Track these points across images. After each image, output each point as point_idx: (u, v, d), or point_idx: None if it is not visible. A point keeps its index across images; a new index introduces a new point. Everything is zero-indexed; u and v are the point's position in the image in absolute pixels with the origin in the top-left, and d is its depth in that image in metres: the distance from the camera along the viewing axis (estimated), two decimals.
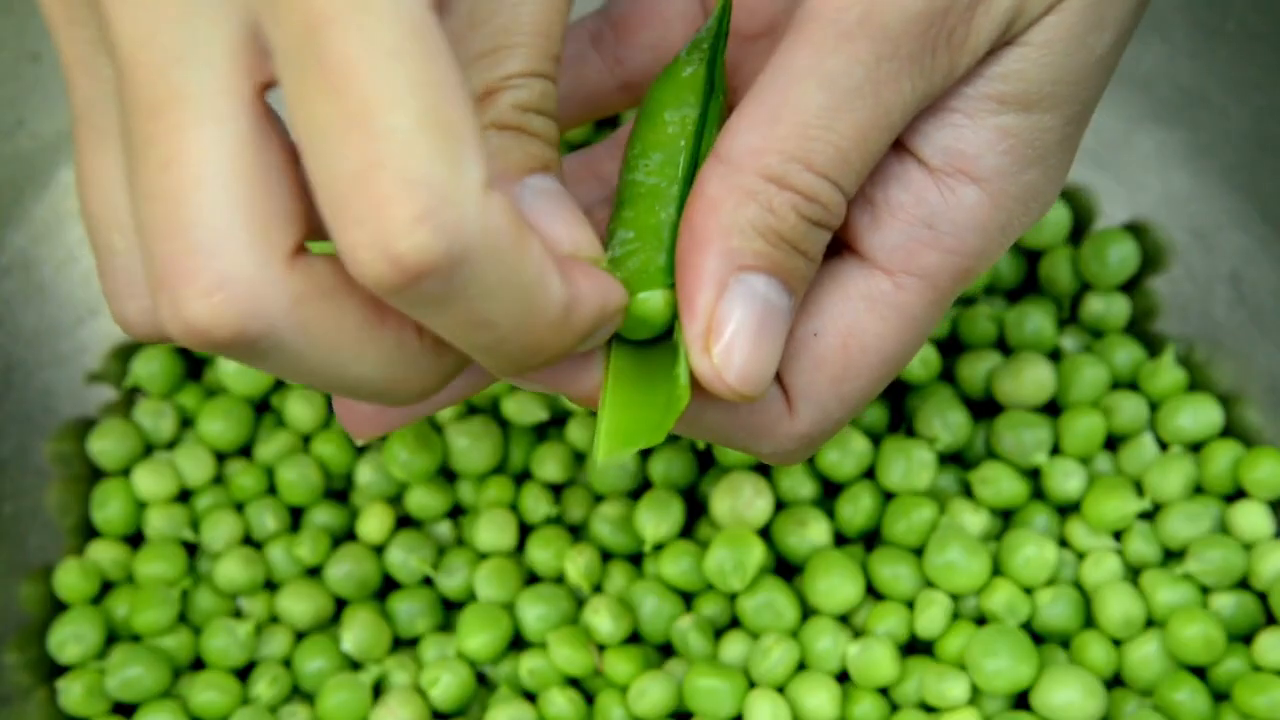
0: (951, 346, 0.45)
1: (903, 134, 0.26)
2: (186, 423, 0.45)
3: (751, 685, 0.39)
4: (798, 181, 0.24)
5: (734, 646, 0.40)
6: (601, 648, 0.40)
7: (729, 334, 0.24)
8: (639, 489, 0.43)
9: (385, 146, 0.18)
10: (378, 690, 0.41)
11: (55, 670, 0.41)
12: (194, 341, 0.20)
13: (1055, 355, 0.44)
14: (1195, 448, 0.43)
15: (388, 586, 0.43)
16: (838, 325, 0.26)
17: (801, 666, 0.40)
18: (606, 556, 0.42)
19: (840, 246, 0.27)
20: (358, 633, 0.41)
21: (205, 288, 0.20)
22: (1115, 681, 0.40)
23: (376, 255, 0.19)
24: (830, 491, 0.42)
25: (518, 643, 0.41)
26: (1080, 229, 0.46)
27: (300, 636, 0.42)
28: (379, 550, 0.42)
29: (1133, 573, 0.42)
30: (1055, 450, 0.43)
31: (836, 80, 0.23)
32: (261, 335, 0.20)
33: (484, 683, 0.42)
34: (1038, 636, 0.41)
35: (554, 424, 0.44)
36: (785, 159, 0.24)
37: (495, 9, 0.24)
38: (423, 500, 0.43)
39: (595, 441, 0.25)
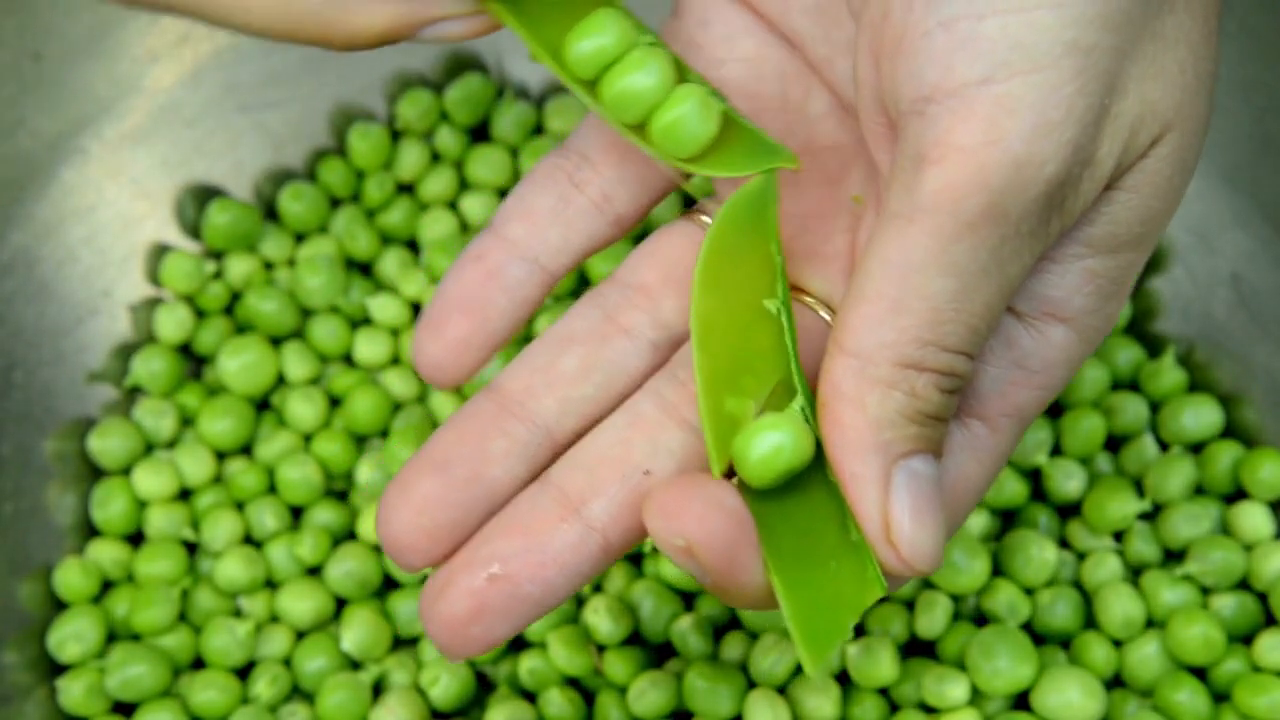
0: None
1: None
2: (187, 422, 0.45)
3: (751, 685, 0.39)
4: (934, 362, 0.24)
5: (734, 647, 0.40)
6: (601, 648, 0.40)
7: (906, 521, 0.25)
8: None
9: None
10: (378, 690, 0.41)
11: (55, 669, 0.41)
12: None
13: None
14: (1196, 448, 0.43)
15: (388, 586, 0.43)
16: (945, 481, 0.27)
17: (801, 667, 0.39)
18: None
19: None
20: (358, 632, 0.41)
21: None
22: (1115, 682, 0.40)
23: None
24: None
25: (517, 643, 0.41)
26: None
27: (300, 636, 0.42)
28: (379, 550, 0.42)
29: (1133, 573, 0.42)
30: (1056, 450, 0.43)
31: (964, 267, 0.24)
32: None
33: (483, 682, 0.42)
34: (1038, 637, 0.41)
35: None
36: (920, 345, 0.24)
37: None
38: None
39: (799, 651, 0.25)
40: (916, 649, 0.41)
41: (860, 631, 0.41)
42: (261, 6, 0.25)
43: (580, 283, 0.45)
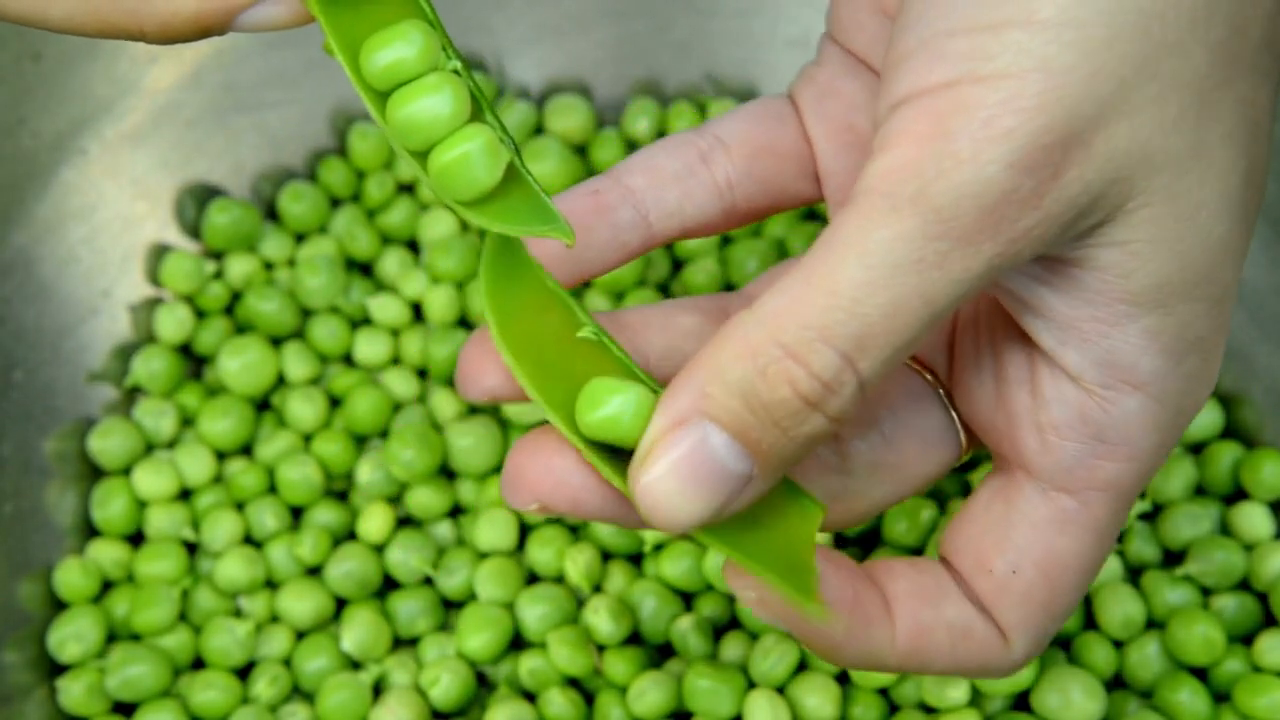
0: None
1: (1054, 353, 0.25)
2: (187, 422, 0.45)
3: (751, 685, 0.39)
4: (807, 354, 0.23)
5: (734, 647, 0.40)
6: (601, 648, 0.40)
7: (662, 466, 0.24)
8: None
9: None
10: (378, 690, 0.41)
11: (55, 669, 0.41)
12: None
13: None
14: (1196, 449, 0.43)
15: (388, 586, 0.43)
16: (1034, 556, 0.26)
17: (801, 667, 0.39)
18: (606, 556, 0.42)
19: (1018, 475, 0.27)
20: (358, 632, 0.41)
21: None
22: (1116, 682, 0.40)
23: None
24: None
25: (518, 643, 0.41)
26: None
27: (300, 636, 0.42)
28: (379, 550, 0.42)
29: (1133, 573, 0.42)
30: None
31: (879, 257, 0.22)
32: None
33: (484, 683, 0.42)
34: None
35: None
36: (803, 327, 0.23)
37: None
38: (423, 500, 0.43)
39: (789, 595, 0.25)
40: None
41: None
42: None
43: None
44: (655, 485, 0.24)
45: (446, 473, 0.43)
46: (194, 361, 0.46)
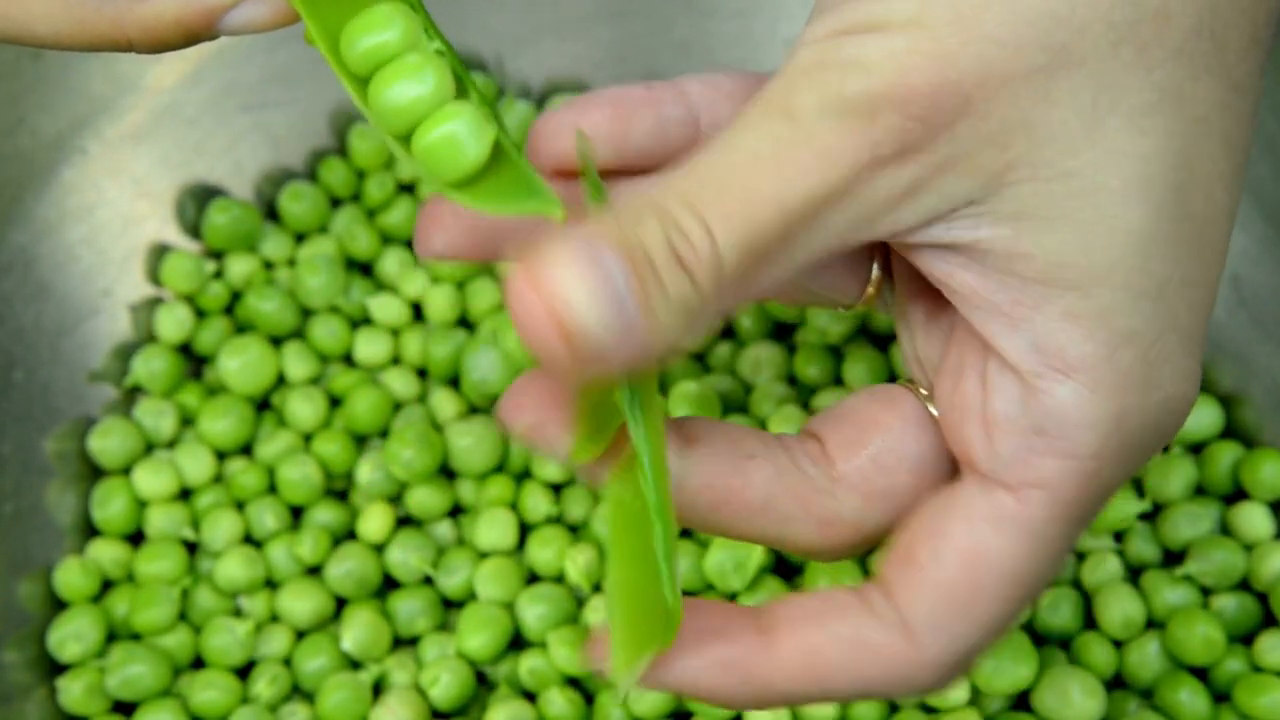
0: None
1: (993, 341, 0.25)
2: (187, 422, 0.45)
3: None
4: (679, 215, 0.23)
5: None
6: None
7: (563, 255, 0.22)
8: None
9: None
10: (378, 690, 0.41)
11: (55, 669, 0.41)
12: None
13: None
14: (1196, 448, 0.43)
15: (388, 586, 0.43)
16: (959, 546, 0.25)
17: None
18: None
19: (964, 472, 0.26)
20: (358, 632, 0.41)
21: None
22: (1116, 682, 0.40)
23: None
24: None
25: (518, 642, 0.41)
26: None
27: (300, 636, 0.42)
28: (379, 549, 0.42)
29: (1133, 573, 0.42)
30: None
31: (743, 148, 0.24)
32: None
33: (484, 682, 0.42)
34: (1038, 637, 0.41)
35: None
36: (679, 194, 0.23)
37: None
38: (423, 499, 0.43)
39: (611, 654, 0.24)
40: None
41: None
42: (45, 14, 0.24)
43: None
44: (555, 271, 0.22)
45: (446, 472, 0.43)
46: (194, 361, 0.46)
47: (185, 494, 0.44)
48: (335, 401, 0.45)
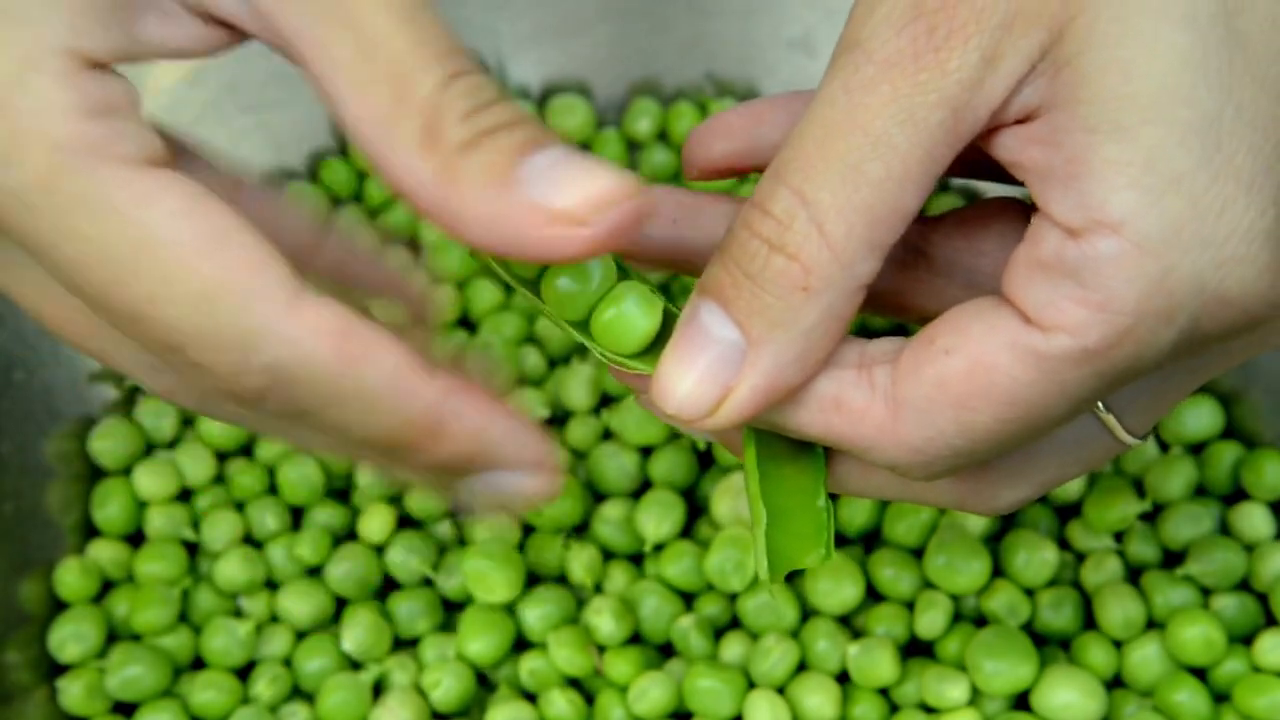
0: None
1: (1045, 206, 0.25)
2: (187, 422, 0.45)
3: (751, 685, 0.39)
4: (765, 198, 0.24)
5: (734, 647, 0.40)
6: (602, 648, 0.40)
7: (668, 350, 0.25)
8: (640, 489, 0.43)
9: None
10: (378, 690, 0.41)
11: (55, 669, 0.41)
12: None
13: None
14: (1196, 449, 0.43)
15: (388, 586, 0.43)
16: (972, 351, 0.25)
17: (801, 667, 0.40)
18: (607, 556, 0.42)
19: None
20: (358, 633, 0.41)
21: None
22: (1115, 683, 0.40)
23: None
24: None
25: (519, 643, 0.41)
26: None
27: (300, 636, 0.42)
28: (379, 550, 0.42)
29: (1133, 574, 0.42)
30: None
31: (815, 100, 0.24)
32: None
33: (484, 683, 0.42)
34: (1038, 637, 0.41)
35: (555, 423, 0.44)
36: (764, 178, 0.24)
37: None
38: (423, 500, 0.42)
39: (756, 559, 0.26)
40: (916, 649, 0.41)
41: (860, 632, 0.41)
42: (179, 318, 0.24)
43: None
44: (660, 369, 0.25)
45: None
46: None
47: (185, 494, 0.44)
48: None
